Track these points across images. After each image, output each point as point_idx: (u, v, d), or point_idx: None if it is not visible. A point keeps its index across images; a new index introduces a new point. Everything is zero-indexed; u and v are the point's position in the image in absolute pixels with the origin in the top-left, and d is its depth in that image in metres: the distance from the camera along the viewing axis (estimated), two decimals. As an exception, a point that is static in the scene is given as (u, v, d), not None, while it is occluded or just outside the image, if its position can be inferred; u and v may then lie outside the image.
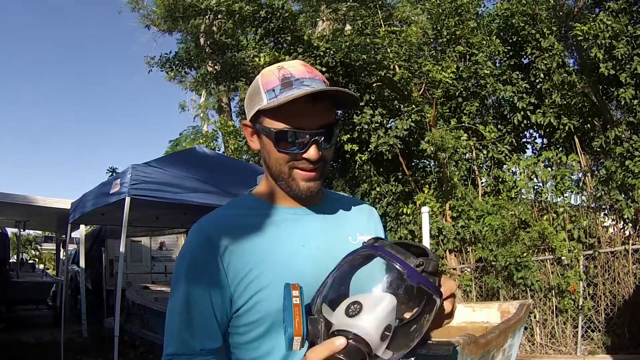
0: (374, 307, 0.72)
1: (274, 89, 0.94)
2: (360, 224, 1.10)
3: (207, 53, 11.85)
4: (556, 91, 7.38)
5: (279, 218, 1.01)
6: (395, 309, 0.74)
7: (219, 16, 8.02)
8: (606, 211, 6.54)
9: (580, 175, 7.29)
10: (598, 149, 7.22)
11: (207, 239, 0.96)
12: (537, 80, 7.58)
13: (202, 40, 12.29)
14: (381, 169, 7.98)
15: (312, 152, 0.94)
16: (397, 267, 0.74)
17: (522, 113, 7.70)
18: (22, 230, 10.23)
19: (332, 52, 7.39)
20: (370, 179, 7.65)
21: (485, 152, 7.79)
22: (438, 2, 7.85)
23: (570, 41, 7.95)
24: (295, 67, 0.96)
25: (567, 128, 7.34)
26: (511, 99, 7.76)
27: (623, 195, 6.20)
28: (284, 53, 7.35)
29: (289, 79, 0.94)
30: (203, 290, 0.94)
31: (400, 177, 7.90)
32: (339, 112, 8.50)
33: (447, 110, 7.85)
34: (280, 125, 0.93)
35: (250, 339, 0.95)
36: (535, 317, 6.01)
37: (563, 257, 5.92)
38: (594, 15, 7.23)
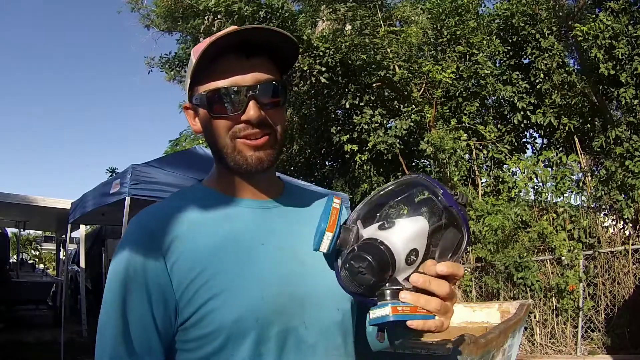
0: (406, 225, 0.72)
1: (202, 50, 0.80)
2: None
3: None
4: (556, 91, 7.39)
5: (234, 211, 0.86)
6: (426, 235, 0.72)
7: (218, 16, 8.01)
8: (606, 211, 6.55)
9: (580, 175, 7.29)
10: (598, 149, 7.23)
11: (149, 235, 0.80)
12: (537, 80, 7.59)
13: (201, 41, 12.29)
14: (381, 169, 7.98)
15: (251, 112, 0.80)
16: (436, 188, 0.73)
17: (522, 113, 7.71)
18: (22, 230, 10.24)
19: (331, 52, 7.39)
20: (370, 179, 7.64)
21: (485, 152, 7.79)
22: (438, 2, 7.85)
23: (570, 41, 7.95)
24: (227, 29, 0.82)
25: (567, 128, 7.34)
26: (511, 99, 7.77)
27: (623, 195, 6.21)
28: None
29: (219, 37, 0.80)
30: (142, 296, 0.77)
31: (400, 177, 7.90)
32: (340, 111, 8.46)
33: (447, 110, 7.85)
34: (208, 87, 0.82)
35: (202, 356, 0.78)
36: (535, 317, 6.01)
37: (563, 257, 5.92)
38: (594, 16, 7.23)
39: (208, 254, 0.79)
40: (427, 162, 8.46)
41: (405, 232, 0.71)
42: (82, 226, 8.20)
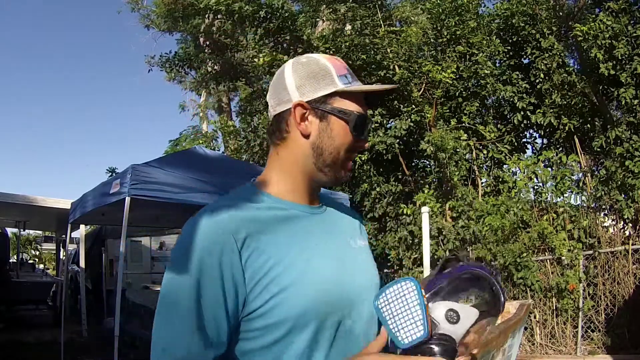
0: (467, 320, 0.86)
1: (346, 75, 0.97)
2: (354, 229, 1.09)
3: (207, 53, 11.85)
4: (556, 91, 7.38)
5: (292, 214, 0.95)
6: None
7: (219, 16, 8.01)
8: (606, 211, 6.55)
9: (580, 175, 7.29)
10: (598, 149, 7.23)
11: (224, 228, 0.85)
12: (537, 80, 7.58)
13: (201, 40, 12.28)
14: (381, 169, 7.97)
15: (369, 144, 1.01)
16: (502, 297, 0.95)
17: (522, 113, 7.70)
18: (22, 230, 10.24)
19: (331, 52, 7.39)
20: (370, 179, 7.64)
21: (485, 152, 7.79)
22: (438, 2, 7.84)
23: (570, 41, 7.94)
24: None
25: (567, 128, 7.34)
26: (511, 99, 7.76)
27: (623, 196, 6.21)
28: (282, 53, 7.34)
29: (350, 70, 0.99)
30: (217, 290, 0.82)
31: (400, 177, 7.89)
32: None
33: (447, 110, 7.84)
34: (360, 110, 0.96)
35: (263, 343, 0.85)
36: (535, 317, 6.01)
37: (563, 257, 5.92)
38: (594, 16, 7.23)
39: (277, 250, 0.87)
40: (427, 162, 8.45)
41: (466, 326, 0.86)
42: (82, 226, 8.21)
